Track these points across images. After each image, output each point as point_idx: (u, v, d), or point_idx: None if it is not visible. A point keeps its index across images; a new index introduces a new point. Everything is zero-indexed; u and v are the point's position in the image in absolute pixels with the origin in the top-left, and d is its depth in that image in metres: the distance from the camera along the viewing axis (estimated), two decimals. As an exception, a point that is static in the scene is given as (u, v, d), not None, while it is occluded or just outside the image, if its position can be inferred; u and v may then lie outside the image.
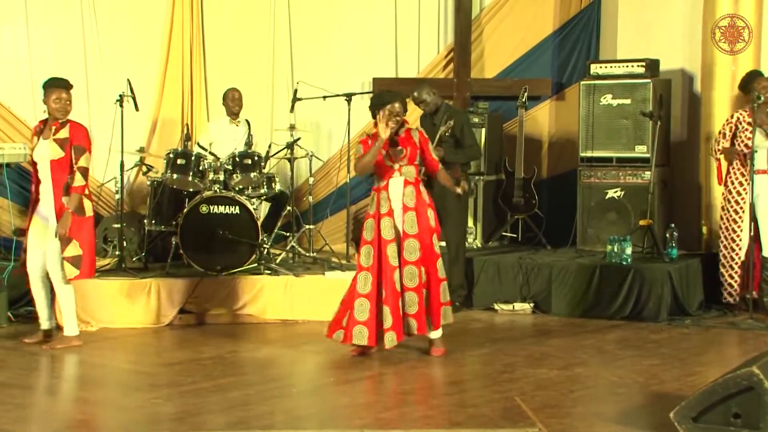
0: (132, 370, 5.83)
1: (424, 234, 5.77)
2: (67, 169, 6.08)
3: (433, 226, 5.83)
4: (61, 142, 6.09)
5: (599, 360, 5.96)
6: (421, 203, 5.79)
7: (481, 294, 7.57)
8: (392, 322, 5.67)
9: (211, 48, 8.77)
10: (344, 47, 8.92)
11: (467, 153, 7.26)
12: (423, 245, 5.76)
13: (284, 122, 8.60)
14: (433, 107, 7.29)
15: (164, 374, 5.62)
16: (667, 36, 8.16)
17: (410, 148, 5.79)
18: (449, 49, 8.93)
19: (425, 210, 5.81)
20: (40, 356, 6.06)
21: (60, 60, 8.30)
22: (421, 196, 5.81)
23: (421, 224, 5.76)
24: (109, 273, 7.16)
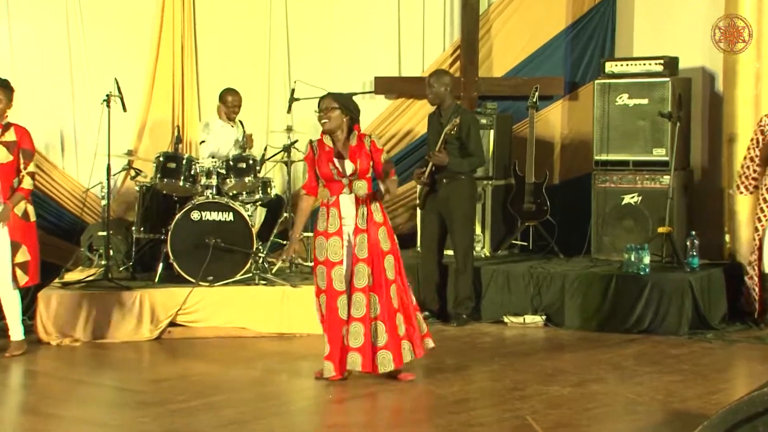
0: (117, 387, 5.80)
1: (374, 257, 5.51)
2: (14, 173, 6.24)
3: (386, 248, 5.53)
4: (9, 145, 6.21)
5: (616, 376, 5.93)
6: (373, 224, 5.54)
7: (490, 306, 7.54)
8: (329, 351, 5.53)
9: (204, 45, 8.75)
10: (345, 44, 8.90)
11: (470, 161, 7.26)
12: (374, 270, 5.52)
13: (281, 123, 8.59)
14: (435, 99, 7.27)
15: (152, 392, 5.58)
16: (686, 32, 8.14)
17: (360, 160, 5.52)
18: (455, 47, 8.91)
19: (376, 231, 5.55)
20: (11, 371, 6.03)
21: (43, 58, 8.30)
22: (373, 216, 5.55)
23: (371, 247, 5.52)
24: (94, 284, 7.13)
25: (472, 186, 7.47)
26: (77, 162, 8.45)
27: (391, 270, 5.56)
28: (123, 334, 6.86)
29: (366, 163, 5.54)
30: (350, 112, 5.58)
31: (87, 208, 8.23)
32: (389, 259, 5.57)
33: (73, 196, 8.33)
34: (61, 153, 8.42)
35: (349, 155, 5.56)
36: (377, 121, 8.91)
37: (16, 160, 6.21)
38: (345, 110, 5.55)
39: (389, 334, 5.51)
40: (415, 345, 5.66)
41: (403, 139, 8.92)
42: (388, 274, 5.55)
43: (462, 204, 7.30)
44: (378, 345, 5.52)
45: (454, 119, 7.09)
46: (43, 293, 6.84)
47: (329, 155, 5.61)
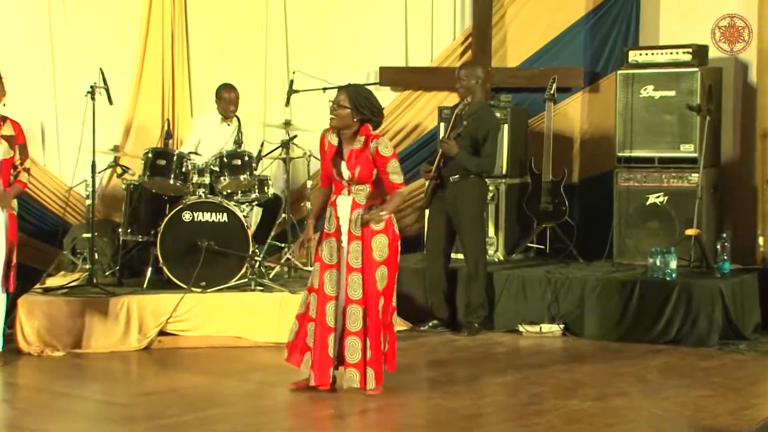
0: (103, 400, 5.80)
1: (366, 267, 5.52)
2: (10, 169, 6.31)
3: (379, 259, 5.51)
4: (9, 139, 6.27)
5: (640, 390, 5.92)
6: (368, 231, 5.53)
7: (504, 314, 7.54)
8: (312, 360, 5.57)
9: (195, 33, 8.77)
10: (347, 32, 8.91)
11: (479, 163, 7.26)
12: (365, 281, 5.53)
13: (279, 117, 8.59)
14: (465, 94, 7.28)
15: (141, 405, 5.57)
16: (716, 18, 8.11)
17: (360, 167, 5.49)
18: (467, 35, 8.90)
19: (370, 239, 5.53)
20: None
21: (22, 44, 8.31)
22: (370, 223, 5.52)
23: (365, 256, 5.53)
24: (78, 289, 7.13)
25: (482, 185, 7.47)
26: (59, 158, 8.47)
27: (382, 281, 5.55)
28: (109, 343, 6.86)
29: (366, 170, 5.50)
30: (362, 114, 5.52)
31: (70, 208, 8.25)
32: (382, 270, 5.55)
33: (56, 195, 8.34)
34: (42, 148, 8.44)
35: (347, 159, 5.55)
36: (383, 114, 8.89)
37: (14, 156, 6.30)
38: (356, 111, 5.51)
39: (372, 350, 5.53)
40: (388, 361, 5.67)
41: (411, 134, 8.92)
42: (378, 286, 5.55)
43: (471, 204, 7.31)
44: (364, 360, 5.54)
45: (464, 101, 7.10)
46: (24, 300, 6.84)
47: (331, 152, 5.61)
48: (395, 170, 5.55)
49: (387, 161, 5.52)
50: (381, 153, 5.51)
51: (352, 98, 5.51)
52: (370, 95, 5.61)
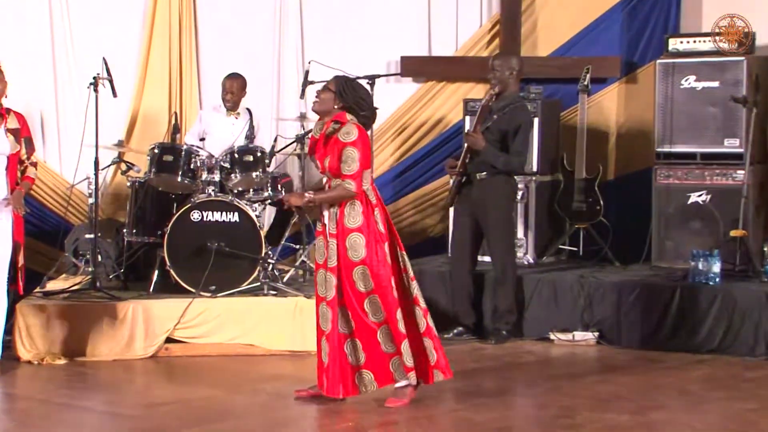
0: (107, 412, 5.82)
1: (342, 267, 5.53)
2: (17, 163, 6.38)
3: (355, 258, 5.49)
4: (14, 133, 6.34)
5: (681, 403, 5.91)
6: (343, 230, 5.54)
7: (534, 320, 7.54)
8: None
9: (204, 21, 8.80)
10: (366, 19, 8.93)
11: (507, 161, 7.26)
12: (342, 282, 5.53)
13: (293, 111, 8.61)
14: (499, 86, 7.27)
15: (147, 417, 5.59)
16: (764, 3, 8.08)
17: (330, 157, 5.52)
18: (494, 22, 8.91)
19: (344, 238, 5.51)
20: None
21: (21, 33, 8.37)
22: (344, 220, 5.53)
23: (340, 256, 5.54)
24: (80, 293, 7.17)
25: (511, 183, 7.47)
26: (60, 154, 8.53)
27: (363, 281, 5.53)
28: (113, 351, 6.90)
29: (335, 160, 5.51)
30: (344, 101, 5.55)
31: (72, 207, 8.29)
32: (360, 270, 5.53)
33: (56, 193, 8.40)
34: (41, 143, 8.49)
35: (317, 149, 5.61)
36: (404, 107, 8.93)
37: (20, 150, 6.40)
38: (339, 97, 5.54)
39: (367, 352, 5.54)
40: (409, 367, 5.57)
41: (434, 128, 8.93)
42: (358, 287, 5.53)
43: (499, 204, 7.31)
44: (357, 364, 5.57)
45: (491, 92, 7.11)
46: (23, 305, 6.88)
47: (312, 147, 5.70)
48: (347, 159, 5.46)
49: (344, 146, 5.48)
50: (341, 138, 5.49)
51: (339, 84, 5.58)
52: (359, 88, 5.69)
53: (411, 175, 8.95)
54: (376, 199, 5.64)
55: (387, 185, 8.88)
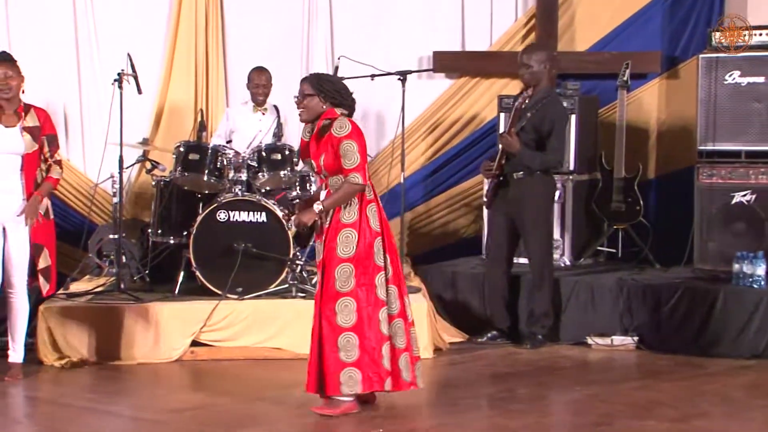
0: (131, 416, 5.85)
1: (330, 263, 5.50)
2: (37, 162, 6.34)
3: (343, 255, 5.46)
4: (32, 131, 6.29)
5: (725, 410, 5.87)
6: (338, 225, 5.51)
7: (571, 324, 7.52)
8: None
9: (232, 15, 8.82)
10: (398, 13, 8.93)
11: (544, 159, 7.24)
12: (325, 277, 5.52)
13: (322, 107, 8.62)
14: (532, 80, 7.25)
15: (172, 422, 5.61)
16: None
17: (324, 155, 5.49)
18: (530, 16, 8.89)
19: (336, 233, 5.49)
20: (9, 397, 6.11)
21: (44, 28, 8.42)
22: (340, 215, 5.50)
23: (330, 251, 5.52)
24: (104, 295, 7.22)
25: (549, 183, 7.45)
26: (84, 152, 8.58)
27: (343, 281, 5.48)
28: (138, 354, 6.93)
29: (330, 158, 5.48)
30: (331, 98, 5.53)
31: (96, 206, 8.34)
32: (345, 268, 5.49)
33: (80, 192, 8.46)
34: (65, 141, 8.55)
35: (311, 150, 5.59)
36: (436, 104, 8.92)
37: (40, 149, 6.34)
38: (324, 96, 5.51)
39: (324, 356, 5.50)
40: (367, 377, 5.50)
41: (467, 125, 8.91)
42: (338, 285, 5.49)
43: (536, 204, 7.28)
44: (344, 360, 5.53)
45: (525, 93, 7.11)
46: (45, 306, 6.92)
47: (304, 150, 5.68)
48: (346, 152, 5.42)
49: (340, 141, 5.44)
50: (335, 133, 5.46)
51: (315, 85, 5.54)
52: (333, 78, 5.71)
53: (443, 173, 8.94)
54: (373, 194, 5.61)
55: (418, 184, 8.87)
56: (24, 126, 6.29)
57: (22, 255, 6.30)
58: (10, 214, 6.25)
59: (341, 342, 5.47)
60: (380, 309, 5.54)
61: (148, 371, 6.77)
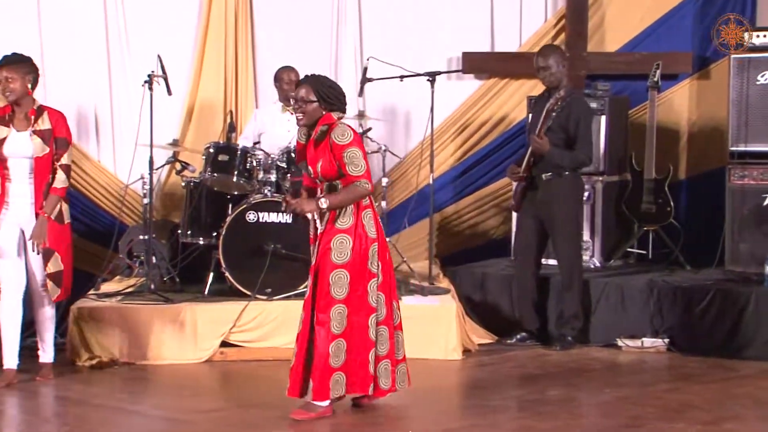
0: (161, 416, 5.87)
1: (324, 269, 5.49)
2: (50, 166, 6.26)
3: (337, 261, 5.46)
4: (44, 134, 6.23)
5: (758, 414, 5.84)
6: (332, 230, 5.50)
7: (601, 326, 7.50)
8: None
9: (261, 17, 8.84)
10: (427, 14, 8.91)
11: (574, 157, 7.23)
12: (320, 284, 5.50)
13: (351, 109, 8.55)
14: (555, 81, 7.25)
15: (202, 423, 5.64)
16: None
17: (322, 161, 5.48)
18: (560, 16, 8.87)
19: (331, 237, 5.49)
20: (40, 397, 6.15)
21: (75, 30, 8.47)
22: (335, 220, 5.49)
23: (323, 256, 5.51)
24: (134, 296, 7.26)
25: (578, 184, 7.44)
26: (115, 153, 8.62)
27: (337, 288, 5.47)
28: (167, 354, 6.97)
29: (328, 164, 5.46)
30: (331, 104, 5.54)
31: (126, 207, 8.38)
32: (339, 274, 5.47)
33: (110, 193, 8.49)
34: (96, 142, 8.61)
35: (308, 155, 5.57)
36: (465, 105, 8.91)
37: (52, 152, 6.24)
38: (324, 102, 5.51)
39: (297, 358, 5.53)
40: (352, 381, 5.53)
41: (497, 126, 8.90)
42: (332, 292, 5.47)
43: (565, 205, 7.27)
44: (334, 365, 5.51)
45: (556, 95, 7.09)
46: (76, 307, 6.98)
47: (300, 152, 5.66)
48: (352, 160, 5.42)
49: (343, 149, 5.43)
50: (336, 141, 5.44)
51: (316, 90, 5.52)
52: (332, 82, 5.66)
53: (472, 175, 8.92)
54: (368, 200, 5.59)
55: (447, 186, 8.87)
56: (35, 129, 6.24)
57: (35, 260, 6.28)
58: (24, 217, 6.24)
59: (332, 349, 5.47)
60: (370, 315, 5.55)
61: (178, 372, 6.80)
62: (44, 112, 6.31)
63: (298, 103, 5.55)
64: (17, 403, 6.09)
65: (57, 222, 6.27)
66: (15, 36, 8.30)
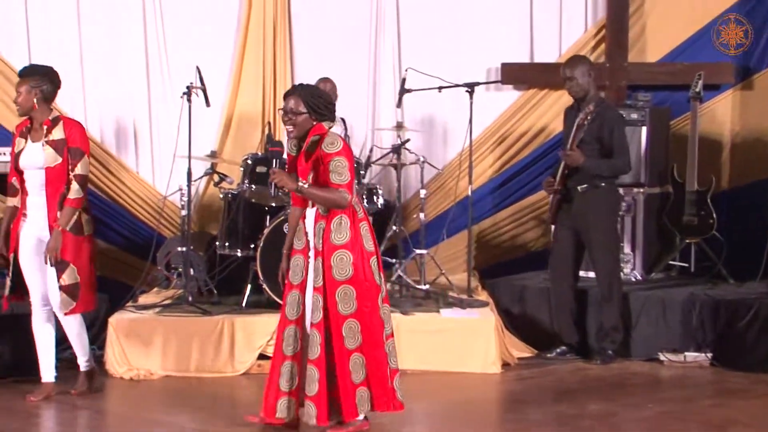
0: (199, 429, 5.87)
1: (326, 287, 5.39)
2: (64, 177, 6.16)
3: (340, 278, 5.36)
4: (57, 144, 6.16)
5: (802, 430, 5.78)
6: (329, 247, 5.40)
7: (642, 340, 7.45)
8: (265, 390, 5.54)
9: (299, 28, 8.85)
10: (466, 24, 8.89)
11: (612, 165, 7.18)
12: (327, 302, 5.39)
13: (389, 120, 8.62)
14: (580, 92, 7.23)
15: (239, 436, 5.64)
16: None
17: (313, 172, 5.39)
18: (600, 26, 8.82)
19: (330, 255, 5.38)
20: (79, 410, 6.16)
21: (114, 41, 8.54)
22: (330, 236, 5.40)
23: (325, 275, 5.40)
24: (171, 308, 7.28)
25: (615, 195, 7.41)
26: (153, 165, 8.66)
27: (345, 304, 5.39)
28: (205, 367, 6.98)
29: (318, 176, 5.40)
30: (320, 115, 5.46)
31: (164, 219, 8.41)
32: (345, 290, 5.38)
33: (149, 204, 8.53)
34: (134, 154, 8.66)
35: (298, 167, 5.49)
36: (504, 116, 8.87)
37: (66, 162, 6.15)
38: (314, 113, 5.44)
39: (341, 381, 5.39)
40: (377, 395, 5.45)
41: (536, 138, 8.85)
42: (340, 308, 5.39)
43: (602, 216, 7.24)
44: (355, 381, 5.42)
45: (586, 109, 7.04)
46: (115, 319, 7.02)
47: (291, 163, 5.60)
48: (336, 168, 5.34)
49: (331, 158, 5.36)
50: (325, 150, 5.37)
51: (305, 100, 5.44)
52: (321, 92, 5.57)
53: (511, 186, 8.89)
54: (363, 213, 5.53)
55: (486, 197, 8.83)
56: (47, 140, 6.16)
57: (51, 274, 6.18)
58: (41, 229, 6.18)
59: (351, 363, 5.40)
60: (383, 329, 5.49)
61: (216, 384, 6.80)
62: (59, 122, 6.22)
63: (288, 115, 5.46)
64: (54, 415, 6.12)
65: (74, 233, 6.16)
66: (54, 47, 8.39)
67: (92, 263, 6.37)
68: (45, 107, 6.21)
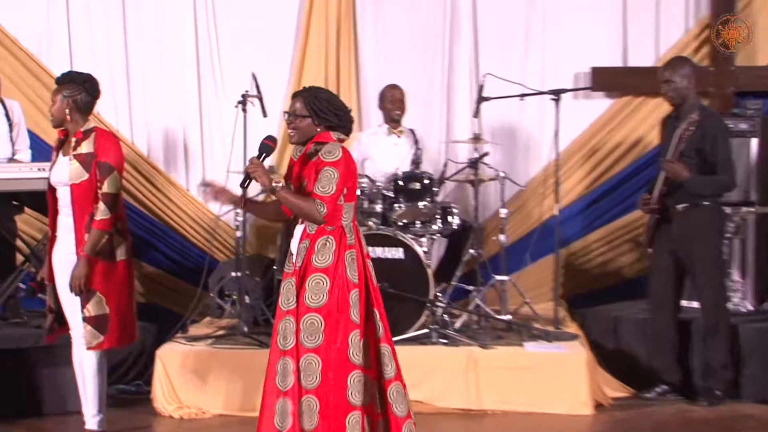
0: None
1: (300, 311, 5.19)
2: (92, 195, 5.99)
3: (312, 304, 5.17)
4: (84, 158, 6.00)
5: None
6: (309, 268, 5.23)
7: (754, 379, 7.32)
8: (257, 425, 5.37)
9: (366, 31, 8.89)
10: (550, 26, 8.89)
11: (716, 182, 7.10)
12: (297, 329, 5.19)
13: (465, 131, 8.59)
14: (677, 98, 7.16)
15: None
16: None
17: (306, 182, 5.27)
18: (703, 26, 8.76)
19: (308, 277, 5.20)
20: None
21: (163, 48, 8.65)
22: (312, 257, 5.23)
23: (299, 297, 5.22)
24: (225, 340, 7.28)
25: (719, 214, 7.32)
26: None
27: (311, 335, 5.18)
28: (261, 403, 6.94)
29: (312, 185, 5.25)
30: (326, 121, 5.33)
31: (217, 241, 8.44)
32: (312, 319, 5.18)
33: (200, 225, 8.57)
34: (184, 169, 8.75)
35: (294, 175, 5.40)
36: (595, 127, 8.84)
37: (94, 179, 5.98)
38: (318, 118, 5.32)
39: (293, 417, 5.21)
40: None
41: (630, 151, 8.81)
42: (303, 338, 5.18)
43: (705, 238, 7.14)
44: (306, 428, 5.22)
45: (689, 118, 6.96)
46: (163, 351, 7.03)
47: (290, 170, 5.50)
48: (323, 178, 5.18)
49: (323, 166, 5.22)
50: (322, 158, 5.23)
51: (309, 104, 5.33)
52: (330, 96, 5.44)
53: (603, 206, 8.84)
54: (355, 239, 5.37)
55: (575, 217, 8.79)
56: (75, 154, 6.02)
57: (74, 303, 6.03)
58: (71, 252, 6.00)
59: (304, 406, 5.22)
60: (351, 372, 5.25)
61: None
62: (91, 134, 6.07)
63: (290, 119, 5.40)
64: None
65: (104, 259, 6.00)
66: (100, 55, 8.50)
67: (129, 293, 6.20)
68: (79, 118, 6.08)
